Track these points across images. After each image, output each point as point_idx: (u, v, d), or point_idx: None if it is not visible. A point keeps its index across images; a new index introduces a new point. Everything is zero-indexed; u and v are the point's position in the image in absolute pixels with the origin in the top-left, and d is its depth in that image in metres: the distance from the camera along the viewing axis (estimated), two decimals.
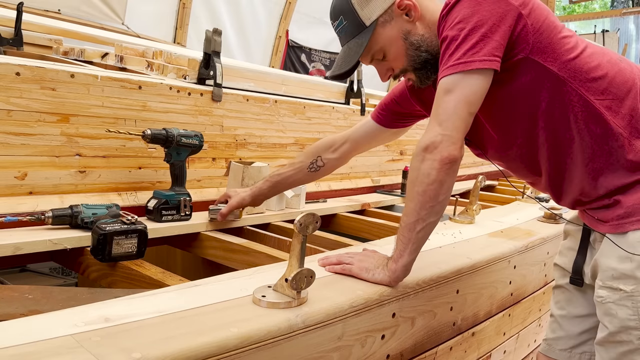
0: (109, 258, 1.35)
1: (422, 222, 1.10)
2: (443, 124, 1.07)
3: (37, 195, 1.52)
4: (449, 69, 1.08)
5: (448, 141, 1.06)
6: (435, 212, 1.10)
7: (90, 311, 0.86)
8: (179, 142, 1.67)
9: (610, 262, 1.16)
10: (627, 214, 1.14)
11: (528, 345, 1.91)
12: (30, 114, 1.50)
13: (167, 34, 6.08)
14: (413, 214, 1.10)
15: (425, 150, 1.07)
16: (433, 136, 1.07)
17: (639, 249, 1.11)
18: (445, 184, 1.08)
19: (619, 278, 1.14)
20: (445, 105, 1.08)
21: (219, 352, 0.79)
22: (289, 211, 2.04)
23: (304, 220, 0.93)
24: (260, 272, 1.16)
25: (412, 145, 3.13)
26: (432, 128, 1.09)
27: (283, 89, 2.39)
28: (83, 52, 2.43)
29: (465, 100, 1.07)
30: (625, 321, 1.14)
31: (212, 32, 1.95)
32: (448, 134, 1.06)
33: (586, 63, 1.13)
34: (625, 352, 1.17)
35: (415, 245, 1.12)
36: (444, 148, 1.06)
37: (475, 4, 1.09)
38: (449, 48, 1.09)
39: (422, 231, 1.10)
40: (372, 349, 1.09)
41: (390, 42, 1.23)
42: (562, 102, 1.14)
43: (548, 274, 1.89)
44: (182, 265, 2.10)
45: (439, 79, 1.11)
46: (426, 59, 1.23)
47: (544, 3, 1.16)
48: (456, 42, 1.08)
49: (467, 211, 1.94)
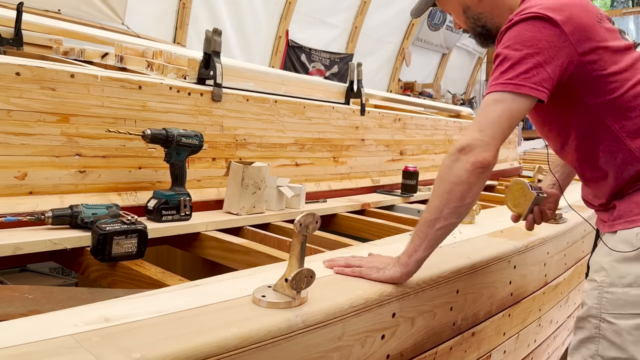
0: (109, 258, 1.35)
1: (442, 221, 1.12)
2: (484, 130, 1.13)
3: (37, 195, 1.52)
4: (501, 85, 1.15)
5: (485, 147, 1.11)
6: (458, 214, 1.13)
7: (90, 311, 0.86)
8: (179, 142, 1.67)
9: (597, 257, 1.29)
10: (618, 216, 1.25)
11: (528, 345, 1.91)
12: (30, 114, 1.50)
13: (167, 34, 6.09)
14: (435, 211, 1.12)
15: (461, 151, 1.11)
16: (471, 139, 1.12)
17: (619, 245, 1.21)
18: (474, 188, 1.12)
19: (597, 271, 1.26)
20: (490, 114, 1.14)
21: (219, 352, 0.79)
22: (289, 211, 2.04)
23: (304, 220, 0.93)
24: (260, 272, 1.16)
25: (411, 145, 3.14)
26: (472, 132, 1.14)
27: (283, 89, 2.39)
28: (83, 52, 2.43)
29: (509, 115, 1.13)
30: (589, 309, 1.25)
31: (212, 32, 1.95)
32: (486, 140, 1.11)
33: (627, 102, 1.21)
34: (583, 339, 1.27)
35: (431, 242, 1.13)
36: (480, 152, 1.10)
37: (538, 30, 1.15)
38: (503, 65, 1.16)
39: (441, 229, 1.13)
40: (372, 349, 1.09)
41: (452, 9, 1.41)
42: (594, 134, 1.25)
43: (548, 274, 1.89)
44: (182, 265, 2.10)
45: (488, 91, 1.18)
46: (481, 32, 1.38)
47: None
48: (510, 61, 1.15)
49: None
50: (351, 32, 8.81)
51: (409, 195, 2.70)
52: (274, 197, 2.01)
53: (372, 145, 2.80)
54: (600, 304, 1.23)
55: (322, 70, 8.50)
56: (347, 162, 2.63)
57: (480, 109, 1.18)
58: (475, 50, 12.42)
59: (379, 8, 8.87)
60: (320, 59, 8.47)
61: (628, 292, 1.19)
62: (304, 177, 2.37)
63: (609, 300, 1.22)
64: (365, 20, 8.82)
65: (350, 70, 2.74)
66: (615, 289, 1.21)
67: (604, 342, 1.23)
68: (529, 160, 5.55)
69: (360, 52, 8.89)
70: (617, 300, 1.20)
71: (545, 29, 1.15)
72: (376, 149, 2.83)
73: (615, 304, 1.21)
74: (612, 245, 1.23)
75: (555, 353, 2.34)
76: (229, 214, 1.87)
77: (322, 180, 2.46)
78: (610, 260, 1.23)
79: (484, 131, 1.12)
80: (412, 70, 10.44)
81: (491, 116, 1.14)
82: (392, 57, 10.00)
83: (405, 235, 1.69)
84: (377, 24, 9.10)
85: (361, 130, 2.71)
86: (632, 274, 1.19)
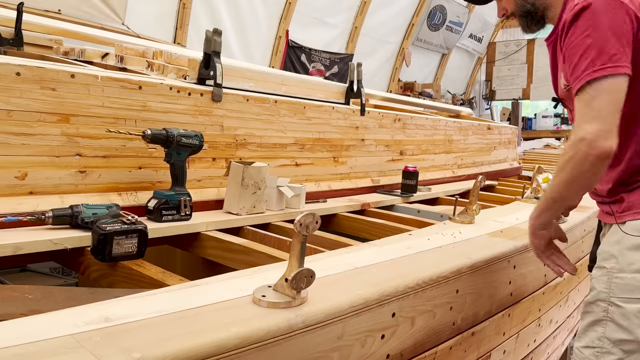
0: (109, 258, 1.35)
1: (563, 200, 1.31)
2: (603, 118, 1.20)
3: (38, 195, 1.52)
4: (599, 71, 1.18)
5: (604, 136, 1.17)
6: (579, 194, 1.35)
7: (91, 311, 0.86)
8: (179, 142, 1.67)
9: (606, 246, 1.36)
10: (627, 208, 1.33)
11: (527, 345, 1.91)
12: (31, 114, 1.50)
13: (167, 34, 6.09)
14: (559, 191, 1.28)
15: (582, 141, 1.19)
16: (591, 130, 1.18)
17: (629, 235, 1.30)
18: (596, 175, 1.22)
19: (606, 259, 1.34)
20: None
21: (219, 352, 0.79)
22: (289, 211, 2.04)
23: (304, 220, 0.93)
24: (260, 272, 1.16)
25: (411, 145, 3.14)
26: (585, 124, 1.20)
27: (283, 89, 2.39)
28: (83, 52, 2.43)
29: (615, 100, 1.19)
30: (598, 294, 1.33)
31: (212, 32, 1.95)
32: (606, 129, 1.17)
33: None
34: (591, 322, 1.34)
35: (554, 212, 1.36)
36: (601, 143, 1.17)
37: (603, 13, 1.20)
38: (587, 54, 1.20)
39: (560, 202, 1.32)
40: (372, 348, 1.09)
41: None
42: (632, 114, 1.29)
43: (548, 274, 1.89)
44: (182, 265, 2.10)
45: (580, 85, 1.21)
46: (529, 10, 1.42)
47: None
48: (595, 48, 1.19)
49: (467, 211, 1.94)
50: (351, 32, 8.81)
51: (408, 195, 2.70)
52: (274, 197, 2.01)
53: (372, 145, 2.80)
54: (610, 289, 1.29)
55: (322, 70, 8.50)
56: (347, 162, 2.63)
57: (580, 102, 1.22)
58: (475, 50, 12.42)
59: (379, 8, 8.87)
60: (320, 59, 8.47)
61: (636, 277, 1.26)
62: (304, 177, 2.37)
63: (617, 285, 1.28)
64: (365, 21, 8.82)
65: (350, 70, 2.75)
66: (625, 275, 1.28)
67: (612, 325, 1.29)
68: (529, 160, 5.55)
69: (360, 52, 8.89)
70: (625, 285, 1.27)
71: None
72: (376, 149, 2.83)
73: (623, 289, 1.27)
74: (622, 235, 1.31)
75: (555, 353, 2.34)
76: (229, 214, 1.87)
77: (322, 180, 2.47)
78: (619, 248, 1.30)
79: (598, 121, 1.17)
80: (412, 71, 10.44)
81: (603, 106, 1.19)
82: (392, 57, 10.00)
83: (405, 235, 1.69)
84: (377, 24, 9.10)
85: (361, 130, 2.71)
86: (638, 260, 1.26)
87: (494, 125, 4.29)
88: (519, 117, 10.34)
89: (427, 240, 1.57)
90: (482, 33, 12.31)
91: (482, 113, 12.42)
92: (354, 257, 1.34)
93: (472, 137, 3.84)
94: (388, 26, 9.47)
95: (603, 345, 1.30)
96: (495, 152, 4.21)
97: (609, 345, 1.29)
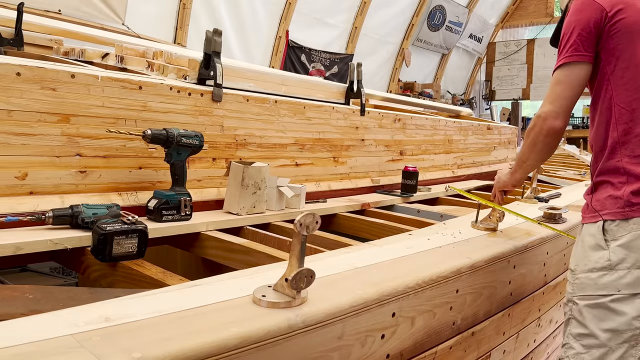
0: (109, 258, 1.35)
1: (528, 161, 1.54)
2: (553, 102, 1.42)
3: (38, 195, 1.52)
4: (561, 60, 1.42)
5: (553, 116, 1.40)
6: (538, 159, 1.53)
7: (91, 311, 0.86)
8: (179, 142, 1.67)
9: (574, 249, 1.48)
10: (588, 210, 1.44)
11: (527, 345, 1.91)
12: (31, 114, 1.50)
13: (167, 34, 6.10)
14: (525, 153, 1.53)
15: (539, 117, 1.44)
16: (545, 110, 1.41)
17: (586, 237, 1.41)
18: (549, 145, 1.46)
19: (572, 261, 1.46)
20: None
21: (219, 352, 0.79)
22: (289, 211, 2.04)
23: (304, 220, 0.93)
24: (260, 272, 1.16)
25: (411, 145, 3.14)
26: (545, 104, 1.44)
27: (283, 89, 2.39)
28: (83, 53, 2.43)
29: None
30: (567, 294, 1.46)
31: (212, 32, 1.96)
32: (556, 110, 1.40)
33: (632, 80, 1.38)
34: (565, 322, 1.46)
35: (524, 171, 1.60)
36: (550, 122, 1.41)
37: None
38: (561, 44, 1.44)
39: (528, 162, 1.55)
40: (372, 348, 1.09)
41: None
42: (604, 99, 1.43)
43: (548, 274, 1.89)
44: (182, 265, 2.10)
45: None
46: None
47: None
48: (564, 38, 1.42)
49: (490, 218, 1.80)
50: (351, 33, 8.82)
51: (408, 195, 2.71)
52: (274, 197, 2.01)
53: (372, 146, 2.80)
54: (573, 290, 1.43)
55: (322, 70, 8.51)
56: (347, 162, 2.63)
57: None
58: (474, 50, 12.43)
59: (379, 8, 8.88)
60: (320, 59, 8.47)
61: (588, 276, 1.39)
62: (304, 177, 2.37)
63: (577, 285, 1.42)
64: (365, 21, 8.83)
65: (350, 70, 2.75)
66: (580, 275, 1.41)
67: (574, 322, 1.43)
68: None
69: (360, 52, 8.90)
70: (581, 284, 1.41)
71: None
72: (376, 149, 2.83)
73: (580, 287, 1.41)
74: (582, 237, 1.44)
75: (554, 353, 2.34)
76: (229, 214, 1.87)
77: (322, 180, 2.47)
78: (578, 249, 1.45)
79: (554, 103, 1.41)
80: (411, 71, 10.45)
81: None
82: (391, 58, 10.01)
83: (405, 235, 1.69)
84: (377, 24, 9.11)
85: (361, 130, 2.71)
86: (591, 261, 1.39)
87: (493, 125, 4.30)
88: (518, 117, 10.34)
89: (427, 240, 1.57)
90: (482, 33, 12.31)
91: (482, 113, 12.42)
92: (354, 257, 1.34)
93: (471, 137, 3.84)
94: (388, 26, 9.48)
95: (569, 341, 1.43)
96: (495, 152, 4.22)
97: (572, 340, 1.42)
